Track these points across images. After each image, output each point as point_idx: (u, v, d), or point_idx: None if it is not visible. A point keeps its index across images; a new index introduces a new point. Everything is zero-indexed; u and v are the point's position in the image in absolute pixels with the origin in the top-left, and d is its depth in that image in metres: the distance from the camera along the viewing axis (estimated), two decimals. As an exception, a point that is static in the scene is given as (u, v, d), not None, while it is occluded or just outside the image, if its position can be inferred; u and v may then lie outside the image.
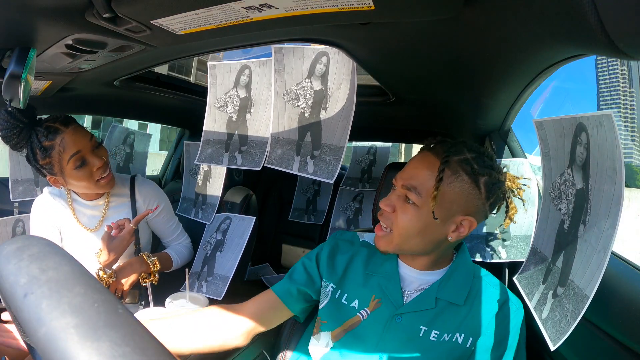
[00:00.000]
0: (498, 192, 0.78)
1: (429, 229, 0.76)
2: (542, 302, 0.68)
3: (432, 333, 0.79)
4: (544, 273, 0.72)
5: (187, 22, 0.62)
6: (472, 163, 0.75)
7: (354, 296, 0.86)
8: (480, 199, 0.76)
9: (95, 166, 1.08)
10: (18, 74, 0.69)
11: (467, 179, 0.74)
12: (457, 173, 0.74)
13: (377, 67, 0.92)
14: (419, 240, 0.78)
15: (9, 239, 0.65)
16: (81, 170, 1.07)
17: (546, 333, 0.63)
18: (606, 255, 0.52)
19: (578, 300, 0.57)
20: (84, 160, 1.07)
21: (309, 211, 2.06)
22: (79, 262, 0.31)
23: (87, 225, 1.21)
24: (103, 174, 1.11)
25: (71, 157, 1.05)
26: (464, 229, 0.76)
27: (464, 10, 0.55)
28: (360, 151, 1.98)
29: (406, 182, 0.78)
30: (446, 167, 0.74)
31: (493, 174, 0.76)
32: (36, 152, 1.05)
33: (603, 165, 0.55)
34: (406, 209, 0.77)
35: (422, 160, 0.79)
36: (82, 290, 0.27)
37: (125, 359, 0.23)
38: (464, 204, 0.75)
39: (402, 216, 0.77)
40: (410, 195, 0.76)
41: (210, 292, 1.22)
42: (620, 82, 15.55)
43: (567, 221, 0.66)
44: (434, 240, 0.78)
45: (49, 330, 0.24)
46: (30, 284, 0.27)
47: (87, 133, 1.10)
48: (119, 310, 0.27)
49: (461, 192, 0.74)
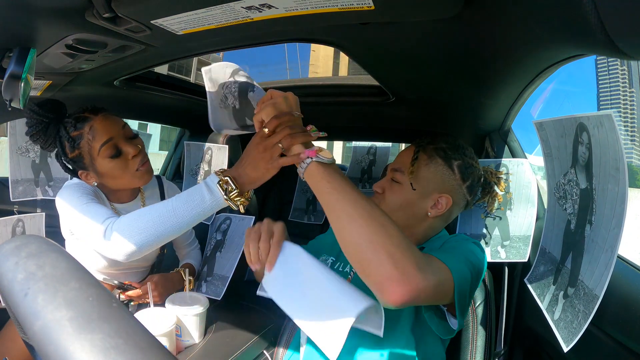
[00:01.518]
0: (473, 176, 0.94)
1: (410, 203, 0.92)
2: (554, 304, 0.68)
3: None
4: (554, 273, 0.72)
5: (187, 22, 0.62)
6: (445, 150, 0.92)
7: (347, 262, 0.95)
8: (455, 179, 0.92)
9: (131, 154, 0.99)
10: (18, 74, 0.69)
11: (441, 161, 0.91)
12: (432, 157, 0.92)
13: (377, 67, 0.92)
14: (402, 214, 0.92)
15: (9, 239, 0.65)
16: (115, 160, 0.98)
17: (559, 334, 0.62)
18: (613, 255, 0.52)
19: (588, 301, 0.57)
20: (117, 149, 0.98)
21: (309, 211, 2.06)
22: (75, 259, 0.31)
23: None
24: (140, 164, 1.01)
25: (102, 145, 0.96)
26: (441, 205, 0.90)
27: (464, 10, 0.55)
28: (360, 151, 1.98)
29: (394, 165, 0.96)
30: (420, 150, 0.93)
31: (465, 160, 0.93)
32: (65, 145, 0.98)
33: (606, 165, 0.54)
34: (392, 188, 0.94)
35: (407, 150, 0.98)
36: (77, 285, 0.28)
37: (117, 351, 0.24)
38: (440, 182, 0.91)
39: (389, 193, 0.94)
40: (396, 175, 0.94)
41: (209, 292, 1.22)
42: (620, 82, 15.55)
43: (574, 221, 0.66)
44: (415, 215, 0.92)
45: (45, 323, 0.25)
46: (27, 279, 0.27)
47: (120, 120, 1.02)
48: (113, 304, 0.27)
49: (435, 172, 0.91)
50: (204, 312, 1.07)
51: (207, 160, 1.52)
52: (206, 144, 1.53)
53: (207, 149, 1.52)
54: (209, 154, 1.52)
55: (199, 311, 1.05)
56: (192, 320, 1.04)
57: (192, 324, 1.05)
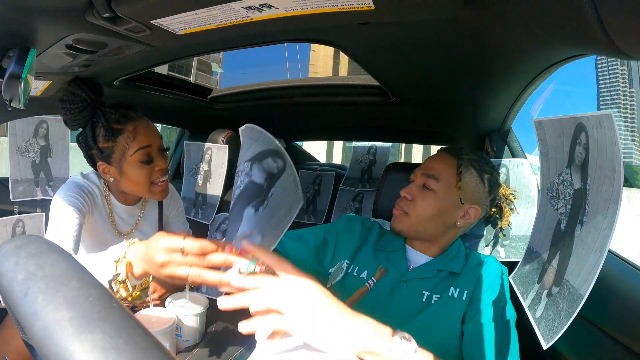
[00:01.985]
0: (497, 190, 0.96)
1: (443, 213, 0.90)
2: (537, 302, 0.68)
3: (434, 297, 0.88)
4: (539, 272, 0.72)
5: (187, 22, 0.62)
6: (479, 162, 0.93)
7: (363, 268, 0.94)
8: (484, 192, 0.93)
9: (159, 166, 1.00)
10: (18, 74, 0.69)
11: (475, 173, 0.91)
12: (467, 168, 0.91)
13: (377, 67, 0.92)
14: (433, 223, 0.91)
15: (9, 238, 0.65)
16: (144, 167, 0.98)
17: (539, 332, 0.63)
18: (602, 255, 0.52)
19: (572, 300, 0.57)
20: (150, 157, 0.99)
21: (309, 211, 2.06)
22: (75, 259, 0.31)
23: (120, 230, 1.12)
24: (161, 178, 1.02)
25: (140, 148, 0.96)
26: (470, 216, 0.91)
27: (464, 10, 0.55)
28: (360, 151, 1.98)
29: (426, 171, 0.93)
30: (462, 162, 0.91)
31: (494, 174, 0.95)
32: (99, 132, 0.96)
33: (602, 166, 0.54)
34: (425, 194, 0.91)
35: (439, 156, 0.96)
36: (77, 285, 0.28)
37: (117, 351, 0.24)
38: (472, 193, 0.91)
39: (421, 202, 0.91)
40: (429, 182, 0.91)
41: (209, 292, 1.22)
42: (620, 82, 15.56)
43: (564, 221, 0.66)
44: (445, 224, 0.92)
45: (45, 323, 0.25)
46: (27, 279, 0.27)
47: (158, 132, 1.03)
48: (113, 304, 0.27)
49: (470, 183, 0.91)
50: (203, 312, 1.07)
51: (207, 160, 1.53)
52: (206, 144, 1.53)
53: (207, 149, 1.52)
54: (209, 154, 1.52)
55: (199, 311, 1.05)
56: (192, 320, 1.04)
57: (192, 324, 1.05)
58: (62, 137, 1.40)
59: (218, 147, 1.49)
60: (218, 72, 12.79)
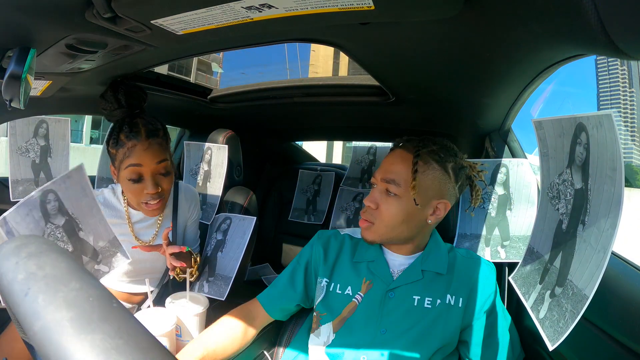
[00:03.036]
0: (463, 175, 0.92)
1: (411, 215, 0.86)
2: (539, 302, 0.68)
3: (426, 300, 0.86)
4: (540, 273, 0.72)
5: (187, 22, 0.62)
6: (439, 153, 0.87)
7: (346, 284, 0.91)
8: (450, 182, 0.88)
9: (147, 190, 1.02)
10: (18, 74, 0.69)
11: (437, 166, 0.86)
12: (427, 163, 0.85)
13: (377, 67, 0.92)
14: (404, 228, 0.87)
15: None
16: (133, 184, 1.02)
17: (544, 333, 0.62)
18: (606, 255, 0.52)
19: (577, 300, 0.57)
20: (140, 177, 1.02)
21: (309, 211, 2.06)
22: (75, 260, 0.31)
23: (143, 239, 1.17)
24: (150, 201, 1.05)
25: (130, 165, 1.00)
26: (440, 211, 0.88)
27: (464, 10, 0.55)
28: (360, 151, 1.98)
29: (385, 176, 0.87)
30: (419, 159, 0.84)
31: (457, 160, 0.89)
32: (112, 136, 1.03)
33: (603, 166, 0.54)
34: (389, 201, 0.86)
35: (395, 156, 0.89)
36: (77, 285, 0.28)
37: (118, 351, 0.24)
38: (438, 189, 0.87)
39: (386, 209, 0.86)
40: (391, 188, 0.86)
41: (212, 292, 1.22)
42: (620, 82, 15.57)
43: (566, 221, 0.66)
44: (417, 225, 0.88)
45: (45, 323, 0.25)
46: (27, 280, 0.27)
47: (161, 155, 1.03)
48: (113, 304, 0.27)
49: (433, 179, 0.86)
50: (204, 312, 1.07)
51: (207, 160, 1.53)
52: (206, 143, 1.53)
53: (207, 149, 1.52)
54: (209, 153, 1.52)
55: (199, 311, 1.05)
56: (193, 321, 1.04)
57: (193, 324, 1.05)
58: (62, 137, 1.40)
59: (218, 147, 1.49)
60: (218, 72, 12.79)
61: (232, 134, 1.54)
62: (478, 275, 0.90)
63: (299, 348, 0.97)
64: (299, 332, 1.00)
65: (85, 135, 15.36)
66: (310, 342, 0.92)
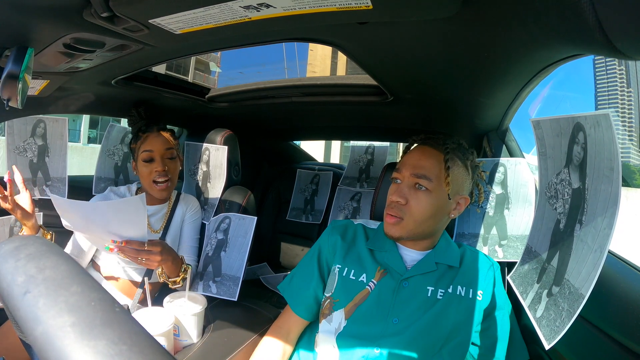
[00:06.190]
0: (477, 173, 0.98)
1: (439, 209, 0.89)
2: (537, 301, 0.68)
3: (439, 292, 0.88)
4: (538, 272, 0.72)
5: (185, 21, 0.62)
6: (460, 150, 0.92)
7: (361, 271, 0.93)
8: (469, 179, 0.93)
9: (155, 168, 1.26)
10: (16, 73, 0.69)
11: (461, 163, 0.90)
12: (453, 159, 0.89)
13: (375, 67, 0.92)
14: (431, 222, 0.90)
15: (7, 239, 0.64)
16: (146, 165, 1.26)
17: (541, 332, 0.63)
18: (602, 255, 0.52)
19: (573, 300, 0.57)
20: (151, 158, 1.27)
21: (307, 211, 2.06)
22: (76, 262, 0.30)
23: (154, 228, 1.32)
24: (159, 178, 1.26)
25: (144, 151, 1.26)
26: (462, 206, 0.92)
27: (462, 10, 0.55)
28: (358, 150, 1.98)
29: (415, 172, 0.88)
30: (448, 156, 0.88)
31: (473, 158, 0.95)
32: (133, 137, 1.33)
33: (600, 165, 0.55)
34: (418, 196, 0.88)
35: (423, 152, 0.91)
36: (78, 289, 0.27)
37: (122, 358, 0.23)
38: (461, 184, 0.91)
39: (416, 204, 0.88)
40: (422, 182, 0.87)
41: (222, 292, 1.22)
42: (618, 81, 15.61)
43: (563, 220, 0.67)
44: (441, 219, 0.92)
45: (46, 328, 0.24)
46: (27, 282, 0.27)
47: (168, 144, 1.30)
48: (116, 309, 0.27)
49: (458, 174, 0.90)
50: (202, 311, 1.07)
51: (205, 161, 1.52)
52: (204, 144, 1.52)
53: (205, 149, 1.52)
54: (207, 154, 1.51)
55: (197, 311, 1.04)
56: (190, 320, 1.04)
57: (190, 324, 1.05)
58: (59, 136, 1.40)
59: (217, 148, 1.48)
60: (216, 72, 12.75)
61: (230, 134, 1.53)
62: (486, 269, 0.93)
63: (301, 347, 0.97)
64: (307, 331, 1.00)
65: (83, 134, 15.30)
66: (320, 329, 0.92)
